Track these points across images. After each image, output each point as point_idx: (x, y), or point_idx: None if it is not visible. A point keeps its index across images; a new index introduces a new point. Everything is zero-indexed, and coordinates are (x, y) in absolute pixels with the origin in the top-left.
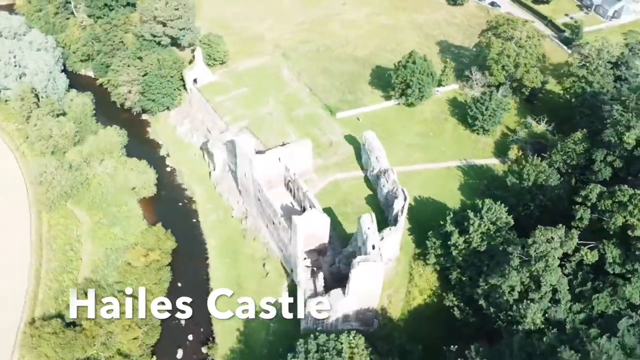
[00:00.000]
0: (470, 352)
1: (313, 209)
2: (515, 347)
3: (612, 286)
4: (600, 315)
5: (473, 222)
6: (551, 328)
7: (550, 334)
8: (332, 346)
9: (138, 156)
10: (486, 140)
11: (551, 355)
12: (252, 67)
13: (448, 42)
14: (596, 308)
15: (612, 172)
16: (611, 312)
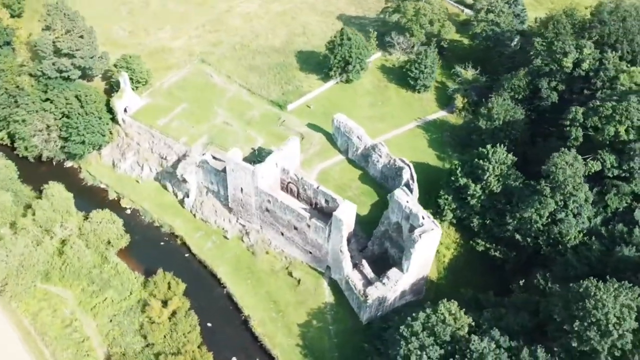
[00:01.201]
0: (538, 279)
1: (345, 201)
2: (574, 260)
3: (614, 187)
4: (614, 213)
5: (487, 167)
6: (585, 237)
7: (594, 241)
8: (438, 319)
9: (86, 209)
10: (428, 96)
11: (608, 257)
12: (177, 80)
13: (347, 15)
14: (611, 207)
15: (558, 95)
16: (622, 208)
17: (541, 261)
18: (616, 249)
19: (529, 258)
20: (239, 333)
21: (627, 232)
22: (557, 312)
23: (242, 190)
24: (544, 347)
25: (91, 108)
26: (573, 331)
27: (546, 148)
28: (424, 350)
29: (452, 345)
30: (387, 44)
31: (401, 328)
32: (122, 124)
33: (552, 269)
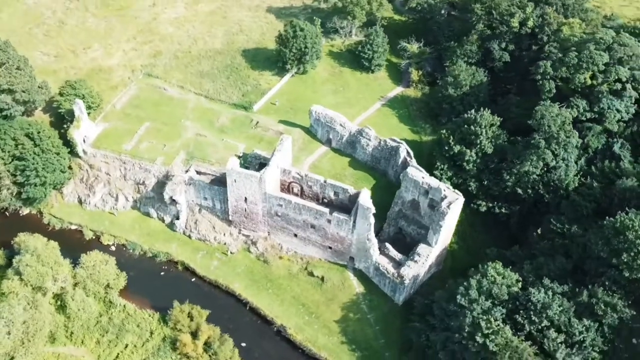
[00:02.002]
0: (553, 224)
1: (364, 189)
2: (580, 200)
3: (589, 129)
4: (595, 153)
5: (480, 131)
6: (581, 179)
7: (591, 181)
8: (489, 282)
9: (64, 255)
10: (381, 75)
11: (610, 191)
12: (129, 100)
13: (275, 7)
14: (592, 147)
15: (510, 54)
16: (600, 147)
17: (543, 210)
18: (618, 182)
19: (530, 210)
20: (277, 345)
21: (616, 167)
22: (600, 248)
23: (246, 200)
24: (591, 284)
25: (47, 144)
26: (622, 263)
27: (507, 104)
28: (489, 314)
29: (512, 303)
30: (330, 30)
31: (458, 298)
32: (84, 155)
33: (562, 212)
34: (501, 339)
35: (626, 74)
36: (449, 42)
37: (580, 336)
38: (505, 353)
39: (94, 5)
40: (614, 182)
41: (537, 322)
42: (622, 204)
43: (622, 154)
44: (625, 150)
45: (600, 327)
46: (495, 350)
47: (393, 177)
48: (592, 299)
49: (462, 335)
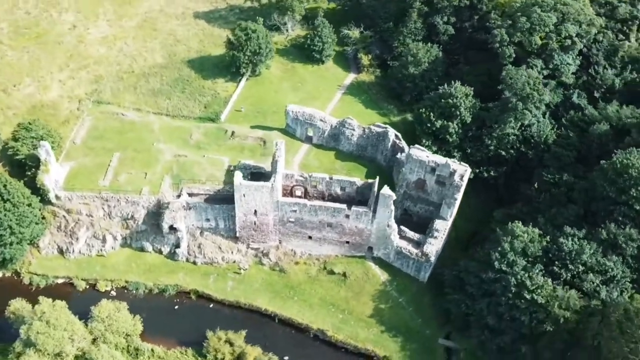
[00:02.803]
0: (545, 176)
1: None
2: (563, 150)
3: (546, 85)
4: (556, 106)
5: (459, 103)
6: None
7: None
8: (520, 241)
9: None
10: (331, 64)
11: (586, 138)
12: (88, 132)
13: (202, 12)
14: (553, 102)
15: (453, 27)
16: (559, 100)
17: (527, 167)
18: (591, 128)
19: (513, 169)
20: (318, 350)
21: (582, 115)
22: (608, 189)
23: (256, 213)
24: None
25: (17, 197)
26: (631, 198)
27: (460, 74)
28: (530, 272)
29: (546, 257)
30: (271, 28)
31: (496, 264)
32: (57, 201)
33: (546, 164)
34: (546, 291)
35: (574, 30)
36: (387, 23)
37: (612, 272)
38: (554, 303)
39: (7, 37)
40: (585, 129)
41: (573, 269)
42: (602, 148)
43: (581, 102)
44: (582, 99)
45: (624, 260)
46: (543, 303)
47: (383, 162)
48: (610, 236)
49: (508, 297)
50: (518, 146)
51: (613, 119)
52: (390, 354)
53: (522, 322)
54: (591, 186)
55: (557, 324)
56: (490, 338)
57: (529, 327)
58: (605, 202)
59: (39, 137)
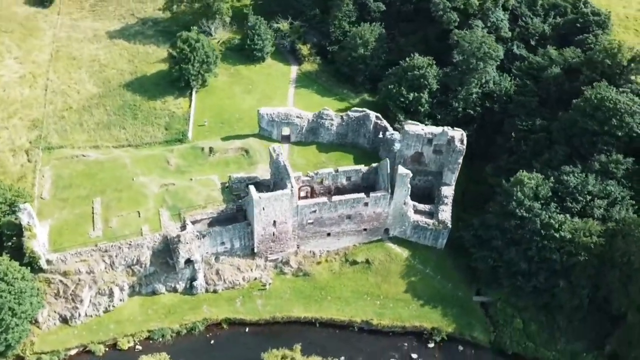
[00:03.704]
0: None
1: (385, 159)
2: (529, 96)
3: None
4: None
5: (427, 73)
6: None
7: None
8: (530, 184)
9: None
10: (271, 61)
11: (544, 81)
12: (53, 182)
13: (115, 30)
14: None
15: (382, 3)
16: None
17: (493, 122)
18: (545, 74)
19: (482, 125)
20: (368, 341)
21: (529, 63)
22: (588, 123)
23: (274, 223)
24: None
25: (11, 273)
26: (613, 126)
27: (400, 46)
28: (547, 211)
29: (555, 196)
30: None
31: (518, 212)
32: (49, 266)
33: (512, 114)
34: (569, 225)
35: None
36: (313, 10)
37: (615, 195)
38: (580, 233)
39: None
40: (536, 76)
41: (582, 200)
42: (558, 89)
43: (522, 52)
44: (521, 49)
45: (619, 183)
46: (570, 237)
47: (366, 145)
48: (602, 165)
49: (536, 240)
50: (481, 103)
51: (560, 62)
52: (437, 324)
53: (554, 260)
54: (570, 124)
55: (588, 252)
56: (524, 282)
57: (560, 263)
58: (587, 136)
59: (10, 201)
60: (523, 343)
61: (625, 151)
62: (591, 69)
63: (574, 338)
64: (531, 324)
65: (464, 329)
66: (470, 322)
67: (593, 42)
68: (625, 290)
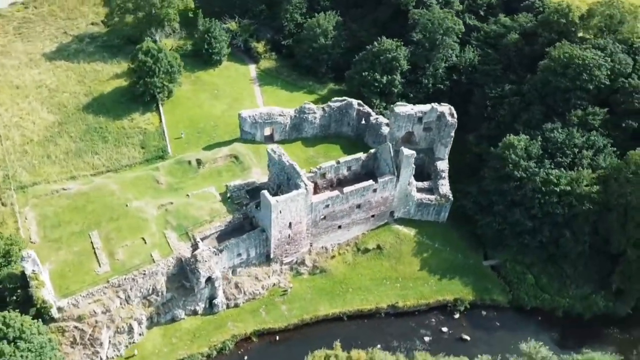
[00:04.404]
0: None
1: (387, 143)
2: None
3: None
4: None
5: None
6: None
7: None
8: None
9: None
10: (228, 63)
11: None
12: (38, 223)
13: (51, 51)
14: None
15: None
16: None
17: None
18: (503, 41)
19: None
20: (397, 325)
21: (485, 33)
22: (561, 81)
23: (290, 225)
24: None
25: (27, 329)
26: (584, 81)
27: (354, 31)
28: (543, 168)
29: (546, 152)
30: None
31: (515, 174)
32: (61, 314)
33: (480, 83)
34: (566, 179)
35: None
36: (259, 6)
37: (598, 144)
38: (578, 184)
39: None
40: (494, 44)
41: (570, 154)
42: (519, 54)
43: (474, 22)
44: (474, 20)
45: (597, 132)
46: (569, 189)
47: (350, 133)
48: (580, 118)
49: (538, 197)
50: (448, 77)
51: (516, 28)
52: (457, 295)
53: (557, 213)
54: (542, 84)
55: (588, 200)
56: (530, 240)
57: (562, 215)
58: (560, 93)
59: (4, 251)
60: (539, 296)
61: (594, 103)
62: (547, 30)
63: (582, 283)
64: (542, 277)
65: (483, 294)
66: (487, 287)
67: (540, 5)
68: (623, 230)
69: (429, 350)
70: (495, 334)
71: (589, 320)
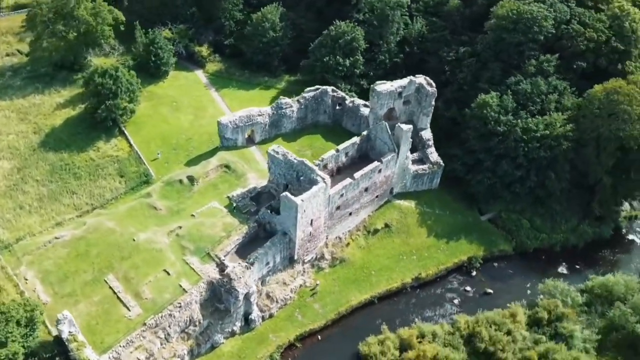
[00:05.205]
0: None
1: (381, 121)
2: (437, 34)
3: None
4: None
5: (356, 37)
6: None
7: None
8: (495, 104)
9: None
10: (175, 72)
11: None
12: (43, 280)
13: None
14: None
15: None
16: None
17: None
18: (447, 5)
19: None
20: (425, 294)
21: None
22: (513, 35)
23: (311, 222)
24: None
25: None
26: (534, 32)
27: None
28: (521, 118)
29: (518, 104)
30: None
31: (499, 129)
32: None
33: (434, 51)
34: (543, 123)
35: None
36: (189, 10)
37: (559, 87)
38: (555, 126)
39: None
40: (436, 12)
41: (539, 101)
42: (462, 17)
43: None
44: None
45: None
46: (547, 133)
47: (327, 120)
48: (537, 67)
49: (522, 146)
50: (401, 50)
51: None
52: (469, 254)
53: (541, 157)
54: (496, 42)
55: (565, 140)
56: (520, 187)
57: (545, 159)
58: (513, 48)
59: (27, 320)
60: (537, 237)
61: (544, 51)
62: None
63: (569, 216)
64: (535, 220)
65: (491, 247)
66: (491, 240)
67: None
68: (597, 160)
69: (461, 311)
70: (511, 282)
71: (583, 249)
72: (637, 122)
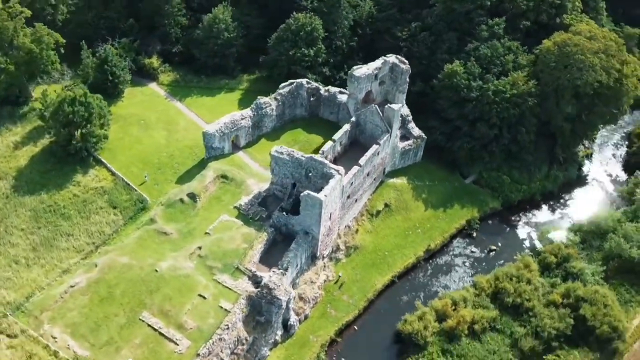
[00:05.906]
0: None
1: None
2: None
3: None
4: None
5: (316, 27)
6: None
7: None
8: (466, 72)
9: None
10: (129, 89)
11: None
12: (75, 332)
13: None
14: None
15: None
16: None
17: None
18: None
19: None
20: (439, 263)
21: None
22: (466, 5)
23: (330, 216)
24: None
25: None
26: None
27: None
28: (490, 81)
29: (482, 68)
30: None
31: (472, 95)
32: None
33: (386, 28)
34: (509, 83)
35: None
36: (126, 22)
37: (513, 48)
38: (521, 85)
39: None
40: None
41: (499, 62)
42: None
43: None
44: None
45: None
46: (515, 92)
47: (305, 113)
48: (487, 31)
49: (494, 107)
50: (354, 33)
51: None
52: (466, 217)
53: (512, 114)
54: (446, 13)
55: (530, 95)
56: (497, 146)
57: (515, 116)
58: (463, 16)
59: None
60: (520, 190)
61: (490, 16)
62: None
63: (540, 164)
64: (513, 174)
65: (483, 207)
66: (480, 200)
67: None
68: (558, 109)
69: (475, 272)
70: (509, 236)
71: (557, 193)
72: (590, 68)
